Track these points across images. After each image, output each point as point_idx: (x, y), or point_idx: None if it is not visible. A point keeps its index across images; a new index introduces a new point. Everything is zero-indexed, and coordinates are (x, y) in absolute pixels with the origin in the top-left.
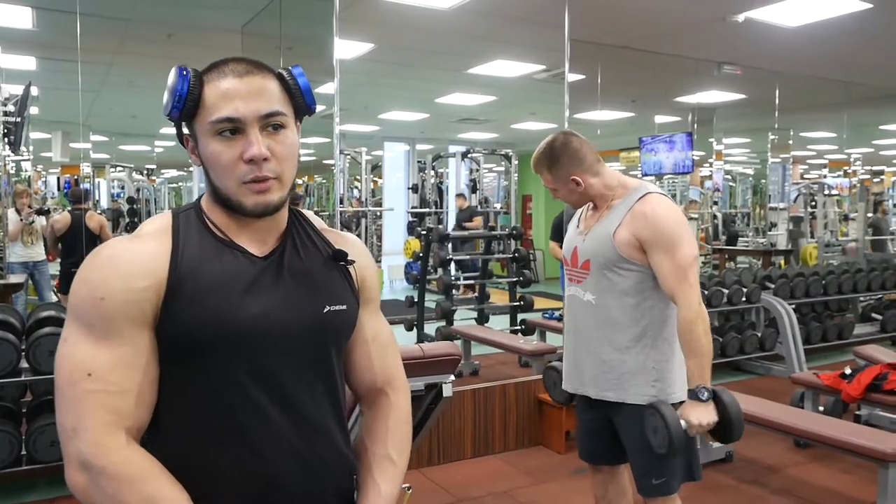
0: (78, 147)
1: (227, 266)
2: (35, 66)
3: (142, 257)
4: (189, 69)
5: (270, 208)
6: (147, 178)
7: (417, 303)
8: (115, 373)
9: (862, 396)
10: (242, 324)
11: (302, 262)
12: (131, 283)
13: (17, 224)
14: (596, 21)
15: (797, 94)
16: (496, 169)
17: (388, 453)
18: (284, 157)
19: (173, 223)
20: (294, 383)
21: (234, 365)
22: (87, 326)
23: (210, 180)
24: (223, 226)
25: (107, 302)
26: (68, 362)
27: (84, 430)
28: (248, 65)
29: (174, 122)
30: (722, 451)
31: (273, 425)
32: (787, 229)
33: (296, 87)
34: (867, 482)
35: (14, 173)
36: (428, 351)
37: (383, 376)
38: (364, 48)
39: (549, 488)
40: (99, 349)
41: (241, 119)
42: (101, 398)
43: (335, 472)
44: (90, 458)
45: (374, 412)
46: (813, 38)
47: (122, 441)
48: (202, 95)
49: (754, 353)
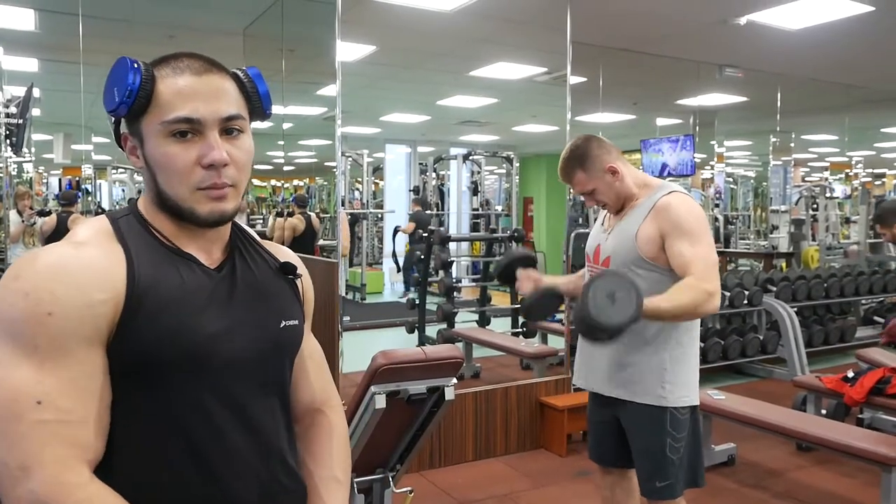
0: (79, 149)
1: (187, 279)
2: (37, 68)
3: (96, 266)
4: (140, 62)
5: (226, 217)
6: None
7: (419, 305)
8: (69, 399)
9: (865, 400)
10: (201, 342)
11: (254, 275)
12: (87, 295)
13: (18, 226)
14: (598, 24)
15: (799, 97)
16: (497, 171)
17: (334, 475)
18: (243, 163)
19: (114, 229)
20: (255, 404)
21: (196, 386)
22: (29, 347)
23: (156, 184)
24: (170, 235)
25: (55, 318)
26: (5, 390)
27: (38, 467)
28: (205, 62)
29: (115, 118)
30: (724, 455)
31: (234, 449)
32: (789, 232)
33: (253, 90)
34: (870, 486)
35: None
36: (430, 354)
37: (321, 395)
38: (366, 50)
39: (550, 492)
40: (45, 373)
41: (201, 120)
42: (55, 429)
43: (293, 497)
44: (49, 499)
45: (315, 432)
46: (814, 41)
47: (85, 477)
48: (154, 91)
49: (756, 356)
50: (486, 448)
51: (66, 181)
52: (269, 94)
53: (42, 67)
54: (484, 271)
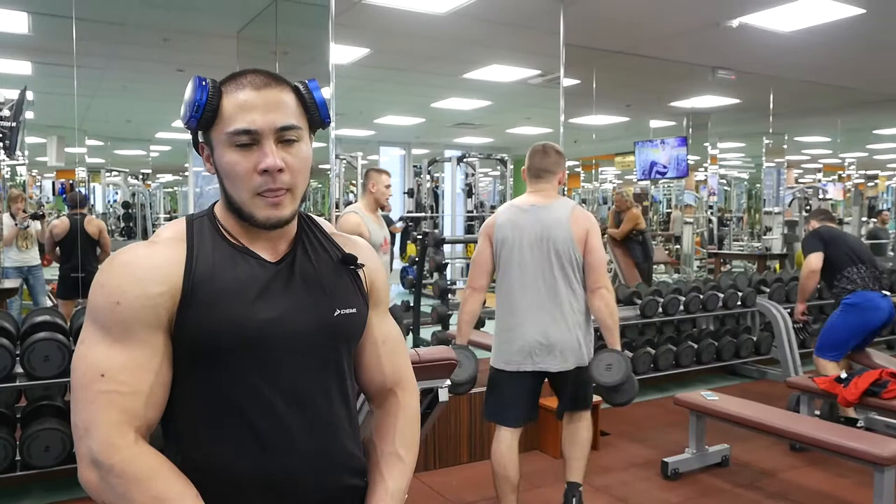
0: (73, 151)
1: (241, 272)
2: (31, 71)
3: (157, 263)
4: (208, 80)
5: (282, 222)
6: (142, 182)
7: (413, 307)
8: (128, 374)
9: (858, 401)
10: (255, 328)
11: (312, 266)
12: (147, 288)
13: (11, 228)
14: (591, 26)
15: (791, 99)
16: (492, 173)
17: (395, 450)
18: (298, 169)
19: (187, 230)
20: (307, 384)
21: (247, 367)
22: (104, 329)
23: (224, 189)
24: (237, 233)
25: (122, 306)
26: (83, 363)
27: (95, 428)
28: (266, 77)
29: (191, 130)
30: (718, 456)
31: (285, 425)
32: (782, 233)
33: (311, 100)
34: (863, 486)
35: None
36: (424, 356)
37: (393, 377)
38: (360, 53)
39: (544, 493)
40: (113, 351)
41: (258, 131)
42: (112, 398)
43: (346, 471)
44: (100, 456)
45: (384, 411)
46: (807, 44)
47: (130, 440)
48: (220, 106)
49: (750, 357)
50: (480, 450)
51: (60, 184)
52: (326, 103)
53: (35, 70)
54: None
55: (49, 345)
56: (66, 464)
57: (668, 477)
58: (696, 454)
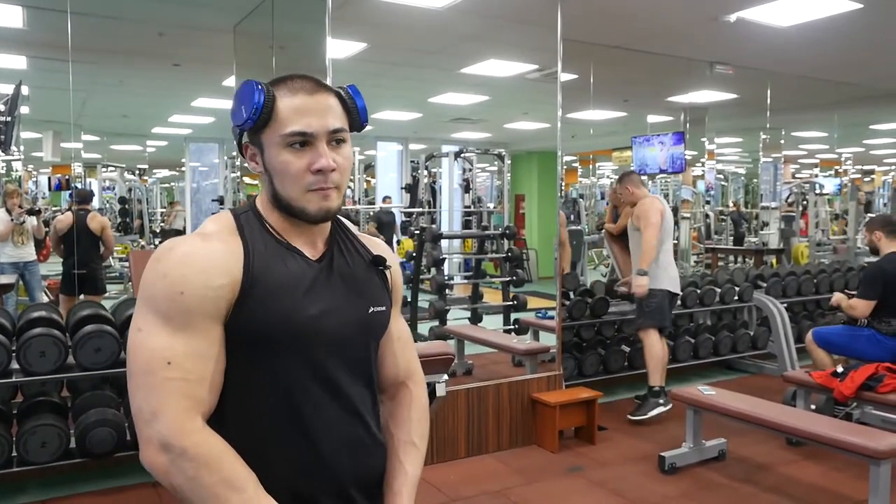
0: (69, 147)
1: (292, 268)
2: (26, 66)
3: (218, 256)
4: (262, 84)
5: (331, 214)
6: (139, 177)
7: (411, 302)
8: (191, 361)
9: (855, 395)
10: (304, 322)
11: (349, 266)
12: (210, 280)
13: (7, 224)
14: (588, 21)
15: (789, 94)
16: (489, 168)
17: (411, 439)
18: (344, 168)
19: (237, 224)
20: (345, 378)
21: (294, 358)
22: (165, 318)
23: (273, 186)
24: (281, 229)
25: (185, 296)
26: (145, 351)
27: (164, 413)
28: (315, 83)
29: (240, 131)
30: (715, 450)
31: (325, 412)
32: (779, 228)
33: (353, 105)
34: (859, 480)
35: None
36: (421, 350)
37: (405, 371)
38: (357, 47)
39: (542, 487)
40: (176, 339)
41: (313, 133)
42: (179, 385)
43: (376, 456)
44: (171, 440)
45: (396, 402)
46: (804, 38)
47: (199, 425)
48: (274, 109)
49: (746, 352)
50: (478, 444)
51: (56, 179)
52: (366, 108)
53: (31, 65)
54: (476, 268)
55: (45, 341)
56: (63, 460)
57: (666, 471)
58: (694, 448)
